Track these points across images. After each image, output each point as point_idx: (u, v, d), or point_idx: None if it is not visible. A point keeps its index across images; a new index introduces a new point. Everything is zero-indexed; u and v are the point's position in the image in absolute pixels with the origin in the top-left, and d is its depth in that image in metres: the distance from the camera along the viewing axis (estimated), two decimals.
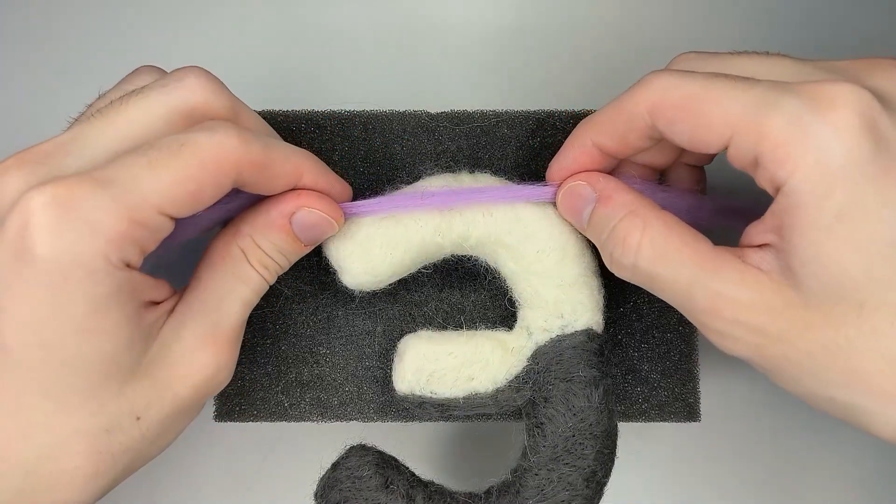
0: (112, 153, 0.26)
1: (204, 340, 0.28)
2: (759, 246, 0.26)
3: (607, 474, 0.31)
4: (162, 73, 0.30)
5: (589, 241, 0.33)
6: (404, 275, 0.34)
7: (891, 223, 0.23)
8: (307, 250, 0.31)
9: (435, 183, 0.33)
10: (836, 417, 0.26)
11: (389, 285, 0.34)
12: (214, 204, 0.28)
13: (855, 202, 0.23)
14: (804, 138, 0.23)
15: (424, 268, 0.34)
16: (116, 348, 0.26)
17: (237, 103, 0.29)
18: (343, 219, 0.31)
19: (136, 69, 0.30)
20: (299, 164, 0.29)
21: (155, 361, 0.27)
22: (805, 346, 0.25)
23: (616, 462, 0.31)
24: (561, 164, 0.31)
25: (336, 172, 0.31)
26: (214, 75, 0.29)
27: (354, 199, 0.32)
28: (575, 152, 0.31)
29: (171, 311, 0.28)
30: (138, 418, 0.27)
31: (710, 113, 0.25)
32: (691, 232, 0.27)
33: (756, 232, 0.26)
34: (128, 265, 0.25)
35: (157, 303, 0.28)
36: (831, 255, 0.23)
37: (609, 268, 0.30)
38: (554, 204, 0.32)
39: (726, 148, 0.26)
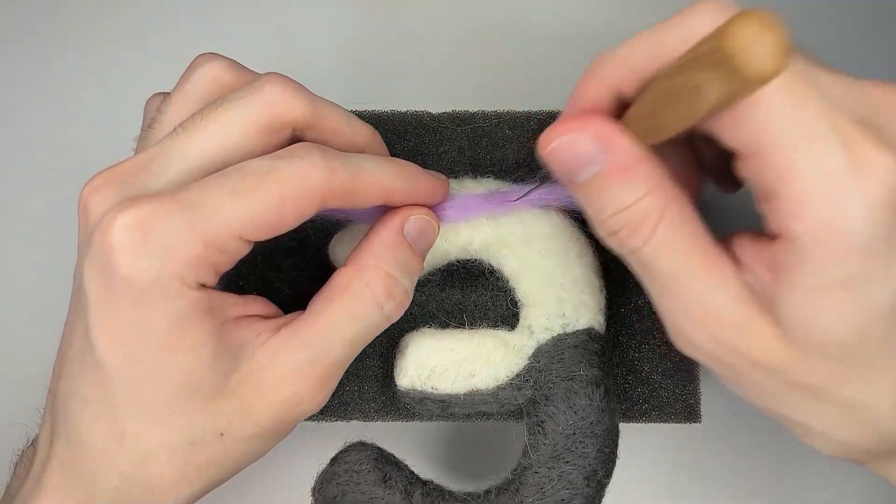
0: (195, 171, 0.27)
1: (296, 373, 0.28)
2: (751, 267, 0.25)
3: (608, 474, 0.31)
4: (222, 60, 0.30)
5: (591, 242, 0.33)
6: None
7: (887, 296, 0.23)
8: (422, 267, 0.31)
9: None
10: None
11: None
12: None
13: (861, 274, 0.23)
14: (834, 204, 0.22)
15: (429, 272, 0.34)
16: (198, 364, 0.26)
17: (319, 107, 0.28)
18: (438, 221, 0.31)
19: (195, 60, 0.30)
20: (388, 185, 0.29)
21: (245, 382, 0.27)
22: (774, 376, 0.25)
23: (616, 462, 0.31)
24: (572, 108, 0.28)
25: None
26: (293, 80, 0.28)
27: None
28: (589, 98, 0.26)
29: (277, 331, 0.28)
30: (222, 435, 0.27)
31: (751, 113, 0.22)
32: (699, 223, 0.26)
33: (748, 254, 0.25)
34: (203, 285, 0.26)
35: (258, 319, 0.28)
36: (824, 317, 0.23)
37: (598, 234, 0.27)
38: (559, 208, 0.32)
39: (735, 151, 0.24)
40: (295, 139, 0.29)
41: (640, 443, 0.39)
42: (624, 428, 0.32)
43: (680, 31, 0.24)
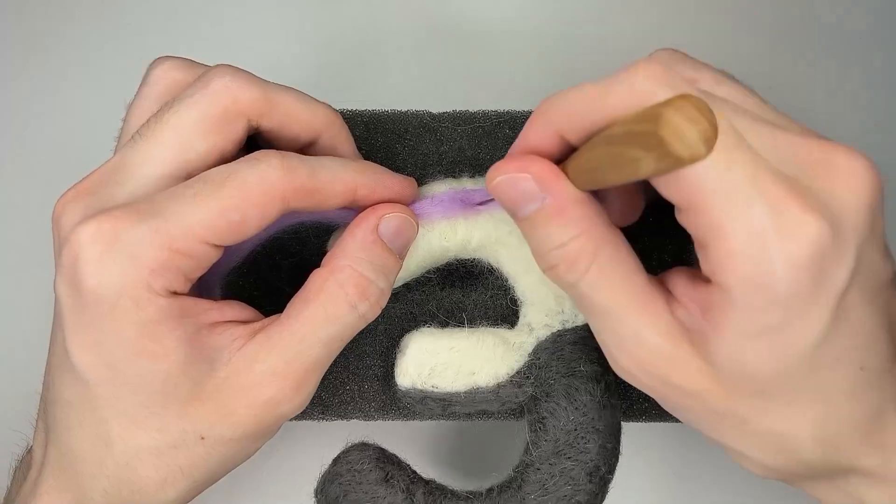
0: (158, 176, 0.27)
1: (273, 376, 0.28)
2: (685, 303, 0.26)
3: (611, 470, 0.31)
4: (174, 60, 0.30)
5: None
6: (409, 279, 0.34)
7: (807, 341, 0.24)
8: (400, 265, 0.31)
9: (437, 188, 0.33)
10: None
11: None
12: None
13: (782, 323, 0.24)
14: (758, 260, 0.23)
15: (427, 270, 0.34)
16: (172, 370, 0.27)
17: (271, 92, 0.29)
18: (417, 219, 0.31)
19: (152, 64, 0.30)
20: (350, 182, 0.29)
21: (223, 386, 0.27)
22: (701, 404, 0.27)
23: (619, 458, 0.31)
24: (520, 147, 0.29)
25: None
26: (241, 69, 0.29)
27: None
28: (536, 139, 0.28)
29: (254, 335, 0.28)
30: (202, 438, 0.28)
31: (684, 173, 0.24)
32: (633, 262, 0.27)
33: (682, 292, 0.27)
34: (174, 292, 0.27)
35: (234, 324, 0.28)
36: (747, 356, 0.25)
37: (540, 267, 0.28)
38: None
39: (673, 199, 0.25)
40: (252, 129, 0.29)
41: (640, 443, 0.39)
42: (623, 427, 0.32)
43: (620, 91, 0.25)
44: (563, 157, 0.28)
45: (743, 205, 0.23)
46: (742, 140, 0.24)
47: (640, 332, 0.26)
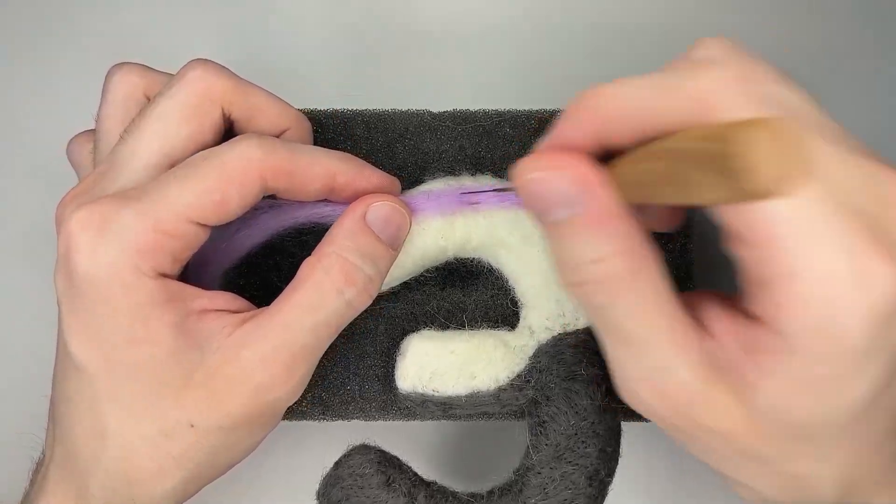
0: (148, 168, 0.28)
1: (262, 362, 0.28)
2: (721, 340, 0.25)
3: (611, 473, 0.31)
4: (131, 65, 0.31)
5: None
6: (408, 278, 0.34)
7: (862, 390, 0.23)
8: (394, 254, 0.31)
9: (436, 186, 0.33)
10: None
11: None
12: (260, 217, 0.31)
13: (845, 373, 0.22)
14: (832, 311, 0.21)
15: (427, 270, 0.34)
16: (163, 356, 0.27)
17: (241, 83, 0.30)
18: (410, 210, 0.31)
19: (110, 72, 0.31)
20: (329, 166, 0.29)
21: (213, 374, 0.28)
22: (726, 444, 0.25)
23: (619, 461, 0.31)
24: (553, 142, 0.26)
25: None
26: (215, 62, 0.30)
27: None
28: (572, 135, 0.25)
29: (243, 324, 0.28)
30: (192, 426, 0.28)
31: (756, 204, 0.21)
32: (668, 287, 0.25)
33: (719, 326, 0.25)
34: (163, 274, 0.27)
35: (224, 313, 0.28)
36: (798, 403, 0.23)
37: (562, 280, 0.26)
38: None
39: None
40: (227, 118, 0.30)
41: (639, 443, 0.39)
42: (624, 427, 0.32)
43: (683, 93, 0.22)
44: (601, 157, 0.24)
45: (818, 246, 0.21)
46: (815, 166, 0.21)
47: (669, 367, 0.24)
